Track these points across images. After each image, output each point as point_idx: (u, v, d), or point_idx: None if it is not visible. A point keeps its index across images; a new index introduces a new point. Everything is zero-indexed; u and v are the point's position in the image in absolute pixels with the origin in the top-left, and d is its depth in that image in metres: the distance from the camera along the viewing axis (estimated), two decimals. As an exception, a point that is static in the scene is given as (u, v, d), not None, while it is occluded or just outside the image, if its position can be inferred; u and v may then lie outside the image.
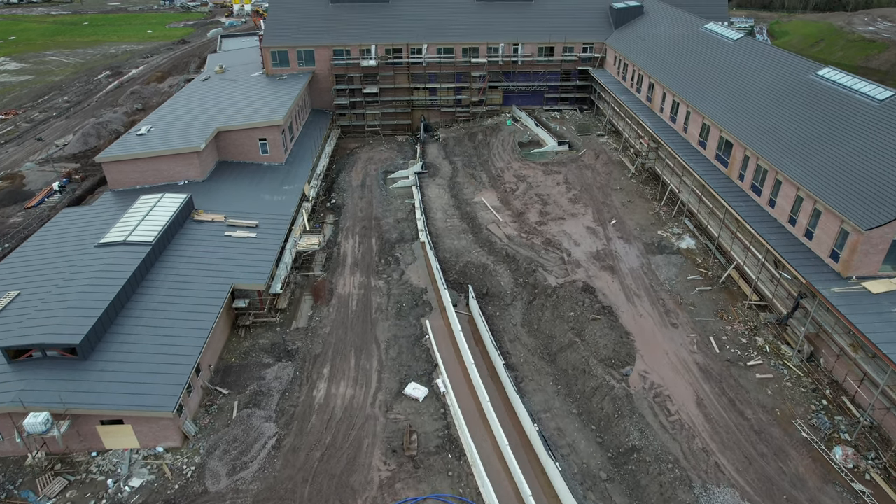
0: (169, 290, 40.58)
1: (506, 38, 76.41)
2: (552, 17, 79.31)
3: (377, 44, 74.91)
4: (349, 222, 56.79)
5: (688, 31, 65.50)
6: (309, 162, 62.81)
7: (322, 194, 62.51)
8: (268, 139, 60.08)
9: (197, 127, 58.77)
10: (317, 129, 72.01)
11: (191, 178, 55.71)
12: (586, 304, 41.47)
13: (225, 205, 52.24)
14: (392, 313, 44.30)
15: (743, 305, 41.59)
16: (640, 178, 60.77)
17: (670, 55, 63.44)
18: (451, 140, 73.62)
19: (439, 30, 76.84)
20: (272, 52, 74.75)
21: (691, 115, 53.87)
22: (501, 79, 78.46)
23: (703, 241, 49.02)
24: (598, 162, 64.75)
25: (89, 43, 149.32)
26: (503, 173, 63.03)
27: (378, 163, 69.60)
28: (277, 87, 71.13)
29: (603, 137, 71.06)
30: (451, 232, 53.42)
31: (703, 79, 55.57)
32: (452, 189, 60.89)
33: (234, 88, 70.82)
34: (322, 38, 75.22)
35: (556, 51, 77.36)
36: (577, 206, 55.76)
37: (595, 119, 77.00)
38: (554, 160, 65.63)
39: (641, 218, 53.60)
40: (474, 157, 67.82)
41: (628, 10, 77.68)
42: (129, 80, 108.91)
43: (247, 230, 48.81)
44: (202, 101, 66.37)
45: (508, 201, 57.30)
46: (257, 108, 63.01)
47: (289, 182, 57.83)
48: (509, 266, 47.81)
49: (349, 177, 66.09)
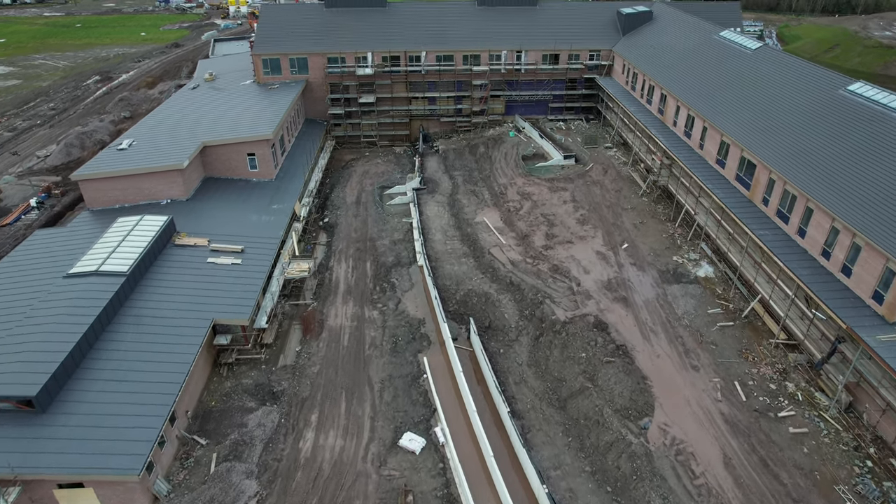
0: (143, 327, 37.12)
1: (509, 45, 72.92)
2: (557, 22, 75.76)
3: (374, 51, 71.40)
4: (343, 243, 53.32)
5: (701, 39, 62.00)
6: (301, 177, 59.37)
7: (314, 212, 59.04)
8: (257, 154, 56.62)
9: (181, 141, 55.29)
10: (310, 141, 68.59)
11: (174, 196, 52.27)
12: (599, 345, 37.95)
13: (209, 227, 48.83)
14: (387, 349, 40.86)
15: (769, 344, 38.08)
16: (651, 195, 57.27)
17: (684, 65, 59.94)
18: (451, 152, 70.13)
19: (439, 36, 73.32)
20: (263, 60, 71.25)
21: (708, 131, 50.32)
22: (504, 87, 74.92)
23: (723, 268, 45.50)
24: (606, 178, 61.24)
25: (81, 46, 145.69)
26: (506, 190, 59.52)
27: (374, 177, 66.14)
28: (268, 96, 67.64)
29: (611, 150, 67.56)
30: (451, 256, 49.95)
31: (720, 92, 52.03)
32: (452, 207, 57.40)
33: (222, 98, 67.36)
34: (316, 44, 71.72)
35: (561, 58, 73.82)
36: (586, 227, 52.24)
37: (602, 130, 73.48)
38: (560, 175, 62.12)
39: (655, 241, 50.09)
40: (475, 172, 64.31)
41: (637, 16, 74.13)
42: (118, 85, 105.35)
43: (231, 256, 45.37)
44: (189, 112, 62.91)
45: (512, 222, 53.78)
46: (246, 120, 59.56)
47: (278, 200, 54.39)
48: (514, 296, 44.34)
49: (343, 192, 62.63)
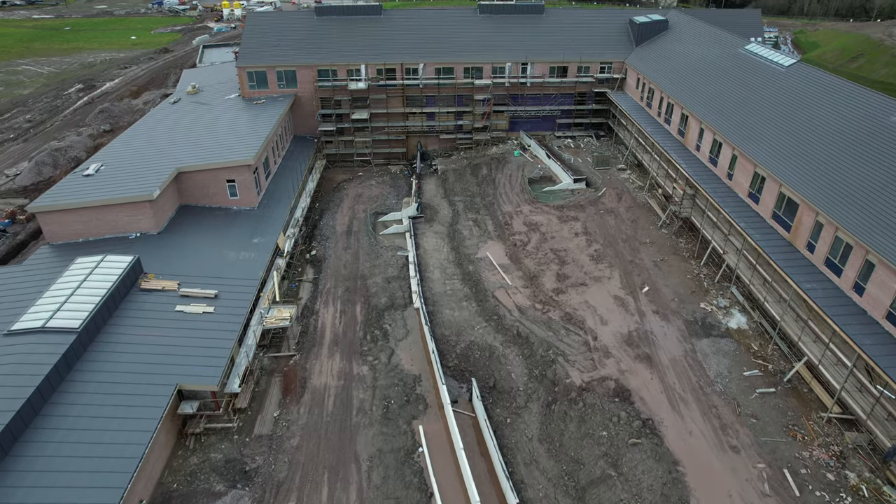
0: (95, 396, 31.92)
1: (513, 57, 67.67)
2: (565, 32, 70.52)
3: (367, 63, 66.16)
4: (331, 281, 48.13)
5: (725, 52, 56.70)
6: (286, 204, 54.17)
7: (301, 242, 53.84)
8: (237, 181, 51.43)
9: (154, 167, 50.10)
10: (298, 161, 63.38)
11: (144, 229, 47.08)
12: (622, 420, 32.72)
13: (181, 266, 43.70)
14: (377, 415, 35.68)
15: (820, 419, 32.89)
16: (672, 227, 52.04)
17: (706, 82, 54.67)
18: (451, 173, 64.90)
19: (438, 47, 68.09)
20: (248, 73, 66.02)
21: (738, 160, 45.03)
22: (508, 102, 69.69)
23: (758, 318, 40.27)
24: (621, 205, 56.01)
25: (68, 50, 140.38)
26: (511, 219, 54.28)
27: (367, 201, 60.92)
28: (253, 113, 62.42)
29: (625, 172, 62.30)
30: (451, 299, 44.76)
31: (750, 115, 46.76)
32: (452, 239, 52.17)
33: (204, 115, 62.15)
34: (305, 56, 66.50)
35: (570, 71, 68.57)
36: (601, 265, 47.02)
37: (614, 149, 68.22)
38: (570, 202, 56.86)
39: (679, 283, 44.88)
40: (477, 197, 59.07)
41: (651, 26, 68.88)
42: (101, 95, 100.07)
43: (203, 303, 40.22)
44: (166, 131, 57.67)
45: (519, 258, 48.56)
46: (226, 142, 54.34)
47: (260, 232, 49.22)
48: (522, 350, 39.16)
49: (333, 220, 57.40)
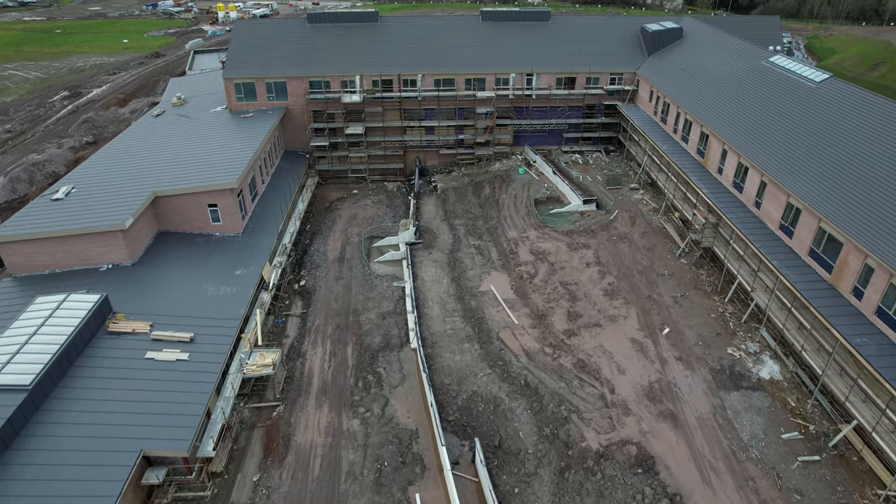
0: (44, 468, 27.95)
1: (518, 67, 63.59)
2: (573, 41, 66.43)
3: (363, 74, 62.11)
4: (320, 317, 44.08)
5: (747, 64, 52.58)
6: (273, 230, 50.13)
7: (290, 270, 49.79)
8: (219, 205, 47.39)
9: (129, 190, 46.05)
10: (288, 179, 59.30)
11: (116, 260, 43.05)
12: (647, 498, 28.65)
13: (155, 303, 39.72)
14: (369, 481, 31.66)
15: (876, 497, 28.81)
16: (691, 256, 47.95)
17: (728, 97, 50.57)
18: (452, 192, 60.80)
19: (438, 57, 64.01)
20: (236, 84, 61.95)
21: (768, 188, 40.93)
22: (512, 115, 65.63)
23: (793, 368, 36.20)
24: (635, 230, 51.92)
25: (57, 54, 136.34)
26: (517, 246, 50.18)
27: (362, 223, 56.85)
28: (240, 129, 58.36)
29: (638, 192, 58.19)
30: (452, 339, 40.72)
31: (780, 137, 42.66)
32: (453, 269, 48.10)
33: (187, 130, 58.06)
34: (296, 66, 62.42)
35: (578, 82, 64.49)
36: (616, 302, 42.95)
37: (625, 165, 64.13)
38: (580, 227, 52.74)
39: (702, 323, 40.80)
40: (480, 220, 54.96)
41: (665, 34, 64.76)
42: (87, 103, 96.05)
43: (177, 348, 36.21)
44: (145, 149, 53.56)
45: (526, 293, 44.48)
46: (208, 162, 50.24)
47: (244, 263, 45.19)
48: (530, 403, 35.10)
49: (325, 244, 53.33)
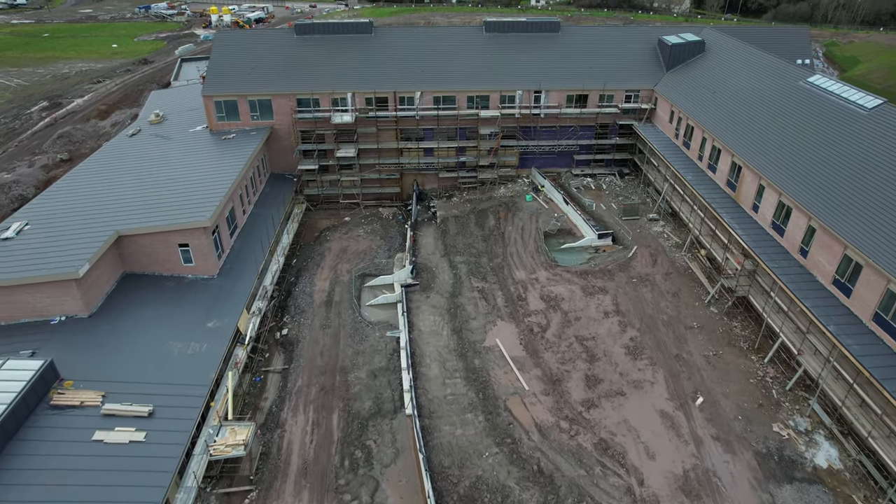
0: None
1: (525, 84, 58.22)
2: (584, 54, 61.02)
3: (355, 91, 56.78)
4: (303, 377, 38.76)
5: (783, 84, 47.16)
6: (253, 270, 44.80)
7: (271, 315, 44.48)
8: (191, 245, 42.13)
9: (89, 228, 40.83)
10: (273, 207, 53.92)
11: (70, 312, 37.89)
12: None
13: (111, 366, 34.60)
14: None
15: None
16: (721, 302, 42.60)
17: (762, 123, 45.17)
18: (453, 222, 55.43)
19: (437, 72, 58.65)
20: (216, 103, 56.60)
21: (818, 234, 35.51)
22: (518, 135, 60.28)
23: (856, 454, 30.79)
24: (656, 270, 46.56)
25: (42, 60, 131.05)
26: (526, 291, 44.81)
27: (353, 257, 51.50)
28: (220, 152, 53.05)
29: (657, 224, 52.79)
30: (452, 407, 35.39)
31: (830, 173, 37.18)
32: (454, 317, 42.74)
33: (161, 154, 52.69)
34: (283, 83, 57.06)
35: (591, 100, 59.13)
36: (641, 363, 37.58)
37: (642, 191, 58.68)
38: (595, 266, 47.31)
39: (740, 391, 35.41)
40: (484, 257, 49.57)
41: (685, 48, 59.33)
42: (66, 114, 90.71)
43: (132, 425, 31.12)
44: (112, 178, 48.23)
45: (537, 350, 39.11)
46: (180, 195, 44.79)
47: (218, 312, 39.91)
48: (545, 495, 29.74)
49: (312, 284, 48.00)
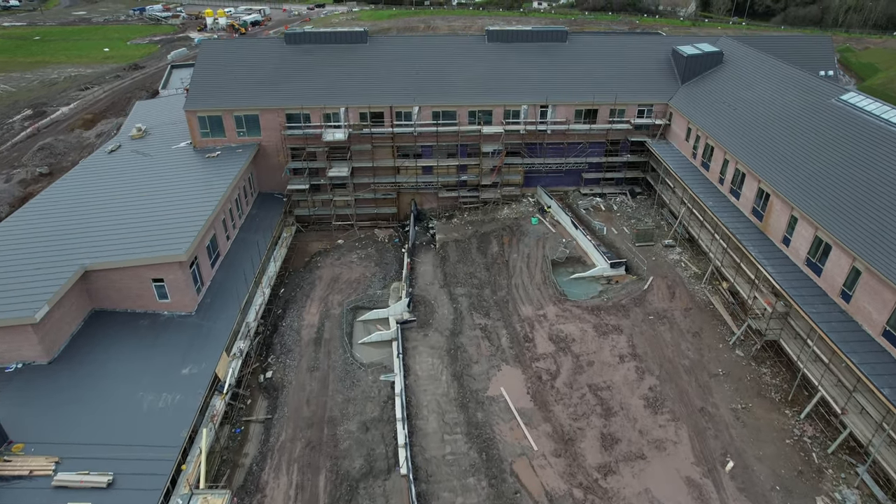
0: None
1: (530, 98, 54.40)
2: (594, 65, 57.17)
3: (348, 106, 53.00)
4: (288, 429, 34.94)
5: (812, 101, 43.31)
6: (236, 305, 40.90)
7: (254, 355, 40.68)
8: (166, 281, 38.38)
9: (54, 262, 37.05)
10: (260, 231, 50.11)
11: (27, 359, 34.31)
12: None
13: (69, 424, 31.09)
14: None
15: None
16: (747, 344, 38.75)
17: (790, 144, 41.32)
18: (453, 247, 51.59)
19: (436, 85, 54.82)
20: (200, 118, 52.79)
21: (864, 278, 31.64)
22: (523, 152, 56.47)
23: (911, 534, 27.09)
24: (675, 304, 42.73)
25: (31, 64, 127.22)
26: (533, 329, 40.97)
27: (346, 287, 47.67)
28: (203, 172, 49.27)
29: (674, 251, 48.93)
30: (452, 469, 31.57)
31: (875, 207, 33.24)
32: (454, 360, 38.88)
33: (139, 174, 48.83)
34: (271, 97, 53.25)
35: (601, 114, 55.33)
36: (662, 417, 33.72)
37: (656, 213, 54.78)
38: (608, 301, 43.44)
39: (776, 453, 31.51)
40: (487, 289, 45.71)
41: (701, 59, 55.44)
42: (50, 124, 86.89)
43: (88, 500, 27.37)
44: (83, 203, 44.40)
45: (546, 401, 35.22)
46: (156, 224, 40.91)
47: (195, 355, 36.13)
48: (557, 585, 26.02)
49: (299, 319, 44.17)
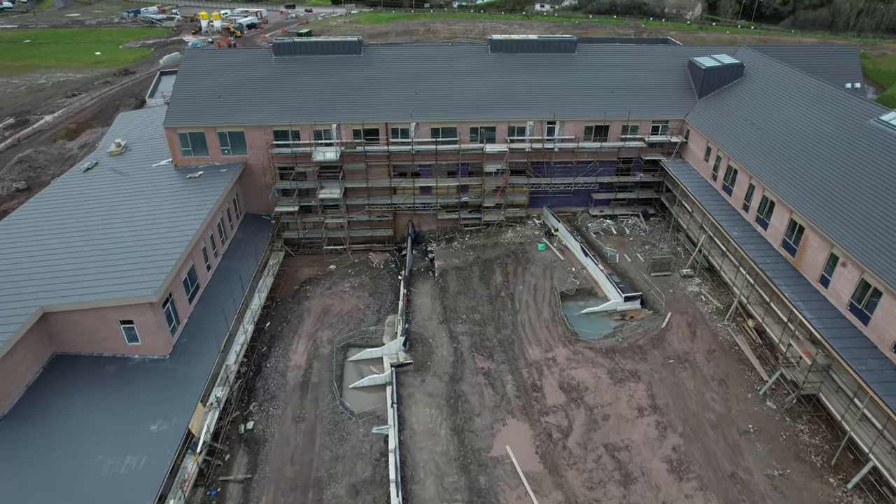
0: None
1: (536, 113, 50.67)
2: (604, 78, 53.33)
3: (341, 122, 49.26)
4: (269, 492, 31.15)
5: (847, 122, 39.52)
6: (215, 347, 37.09)
7: (235, 402, 36.93)
8: (136, 323, 34.67)
9: (7, 302, 33.29)
10: (245, 258, 46.21)
11: (-25, 415, 30.56)
12: None
13: (14, 495, 27.28)
14: None
15: None
16: (778, 394, 34.98)
17: (827, 172, 37.46)
18: (453, 275, 47.79)
19: (436, 99, 51.02)
20: (181, 135, 49.07)
21: (920, 332, 28.08)
22: (528, 170, 52.69)
23: None
24: (696, 345, 38.93)
25: (19, 69, 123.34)
26: (541, 376, 37.15)
27: (337, 320, 43.91)
28: (182, 195, 45.48)
29: (693, 282, 45.13)
30: (451, 548, 27.88)
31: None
32: (454, 411, 35.06)
33: (112, 198, 44.94)
34: (257, 112, 49.43)
35: (612, 131, 51.58)
36: (687, 485, 29.94)
37: (671, 237, 50.92)
38: (622, 341, 39.64)
39: (820, 531, 27.95)
40: (490, 325, 41.90)
41: (721, 72, 51.57)
42: (33, 133, 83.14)
43: None
44: (47, 233, 40.45)
45: (556, 463, 31.44)
46: (127, 257, 37.09)
47: (165, 407, 32.39)
48: None
49: (285, 359, 40.38)
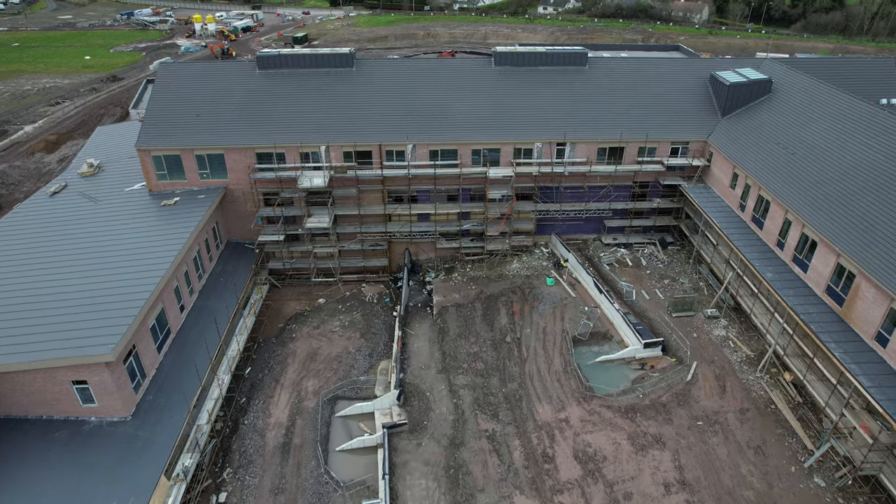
0: None
1: (545, 134, 46.28)
2: (618, 94, 48.89)
3: (329, 144, 44.92)
4: (236, 587, 26.91)
5: (893, 144, 35.15)
6: (184, 406, 32.81)
7: (207, 467, 32.61)
8: (90, 383, 30.36)
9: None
10: (224, 295, 41.78)
11: None
12: None
13: None
14: None
15: None
16: (826, 467, 30.62)
17: (877, 209, 33.04)
18: (453, 313, 43.38)
19: (434, 118, 46.65)
20: (155, 158, 44.74)
21: None
22: (536, 196, 48.33)
23: None
24: (726, 403, 34.49)
25: (5, 74, 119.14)
26: (553, 441, 32.73)
27: (324, 366, 39.55)
28: (155, 225, 41.11)
29: (719, 323, 40.70)
30: None
31: None
32: (454, 485, 30.62)
33: (76, 230, 40.60)
34: (239, 133, 45.09)
35: (627, 153, 47.18)
36: (728, 589, 25.70)
37: (692, 269, 46.53)
38: (643, 395, 35.26)
39: None
40: (494, 377, 37.47)
41: (746, 88, 47.09)
42: (10, 145, 78.76)
43: None
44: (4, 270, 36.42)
45: (572, 558, 27.26)
46: (83, 305, 32.83)
47: (123, 484, 28.10)
48: None
49: (265, 414, 36.01)
